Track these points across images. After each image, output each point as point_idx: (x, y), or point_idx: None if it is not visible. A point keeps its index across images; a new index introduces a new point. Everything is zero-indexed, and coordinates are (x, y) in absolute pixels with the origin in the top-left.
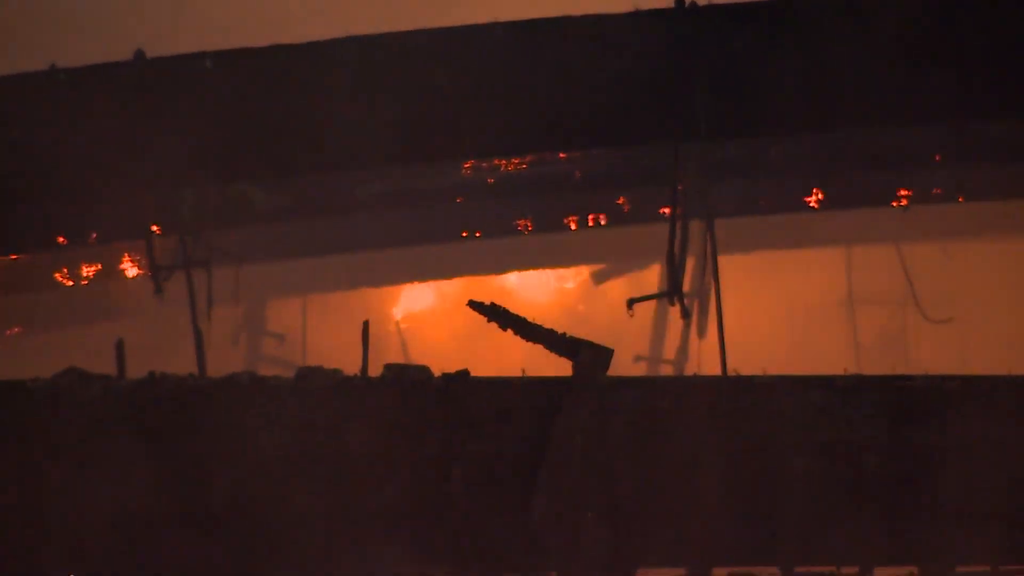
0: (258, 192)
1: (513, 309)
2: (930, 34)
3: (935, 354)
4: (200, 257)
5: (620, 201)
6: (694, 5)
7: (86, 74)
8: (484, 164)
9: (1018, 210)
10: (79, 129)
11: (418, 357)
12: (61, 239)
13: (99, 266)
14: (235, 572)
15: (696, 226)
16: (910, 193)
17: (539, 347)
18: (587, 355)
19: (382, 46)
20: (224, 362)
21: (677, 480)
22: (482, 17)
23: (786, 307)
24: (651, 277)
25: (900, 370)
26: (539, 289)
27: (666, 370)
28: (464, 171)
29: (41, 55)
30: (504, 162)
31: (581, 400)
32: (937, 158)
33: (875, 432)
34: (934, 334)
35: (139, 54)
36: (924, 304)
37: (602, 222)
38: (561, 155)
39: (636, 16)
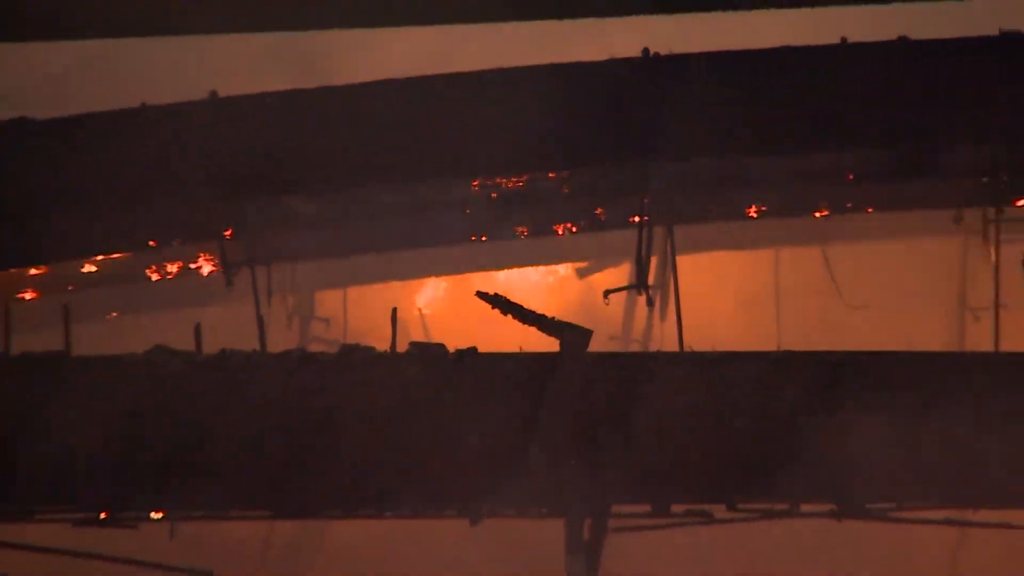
0: (308, 204)
1: (512, 299)
2: (833, 90)
3: (853, 335)
4: (261, 257)
5: (598, 211)
6: (657, 55)
7: (169, 112)
8: (489, 182)
9: (915, 217)
10: (164, 156)
11: (436, 336)
12: (152, 242)
13: (181, 263)
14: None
15: (659, 231)
16: (829, 205)
17: (533, 329)
18: (571, 335)
19: (406, 89)
20: (280, 341)
21: (643, 434)
22: (482, 64)
23: (731, 297)
24: (623, 272)
25: (823, 347)
26: (533, 283)
27: (634, 347)
28: (473, 187)
29: (134, 96)
30: (505, 180)
31: (567, 370)
32: (849, 176)
33: (802, 395)
34: (852, 319)
35: (213, 94)
36: (844, 294)
37: (583, 228)
38: (551, 175)
39: (612, 63)
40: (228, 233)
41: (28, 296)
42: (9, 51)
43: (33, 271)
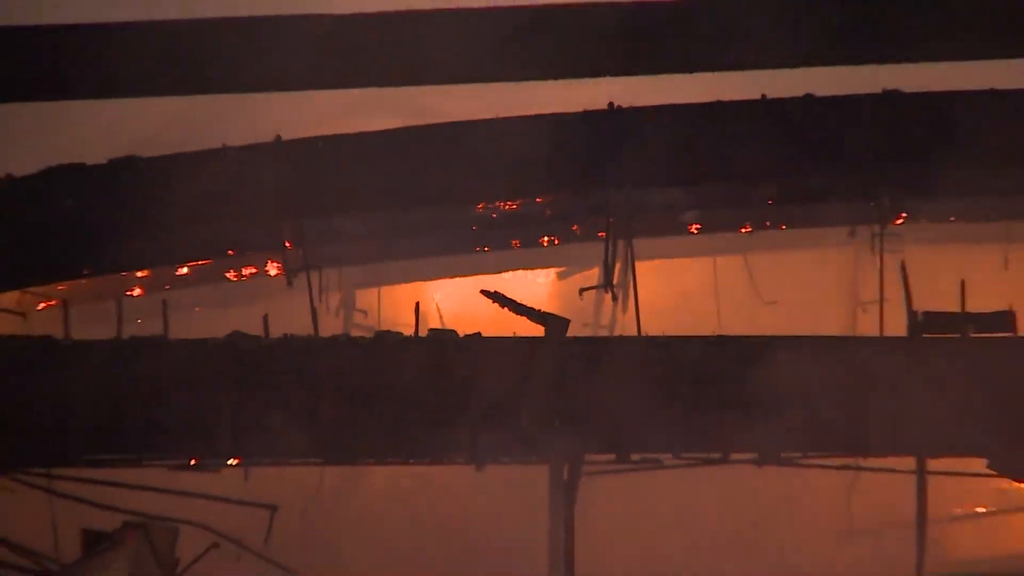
0: (351, 223)
1: (508, 295)
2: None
3: (768, 323)
4: (314, 263)
5: (575, 228)
6: (619, 107)
7: (244, 152)
8: (491, 205)
9: (818, 232)
10: (241, 186)
11: (449, 324)
12: (231, 252)
13: (255, 268)
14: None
15: (621, 243)
16: (752, 224)
17: (523, 319)
18: (553, 323)
19: (425, 134)
20: (329, 328)
21: (608, 397)
22: (482, 114)
23: (677, 294)
24: (593, 275)
25: (746, 332)
26: (524, 283)
27: (602, 332)
28: (478, 209)
29: (210, 140)
30: (503, 204)
31: (550, 351)
32: (770, 201)
33: (731, 370)
34: (767, 311)
35: (278, 138)
36: (762, 292)
37: (562, 241)
38: (538, 200)
39: (585, 114)
40: (289, 244)
41: (135, 293)
42: (142, 103)
43: (139, 273)
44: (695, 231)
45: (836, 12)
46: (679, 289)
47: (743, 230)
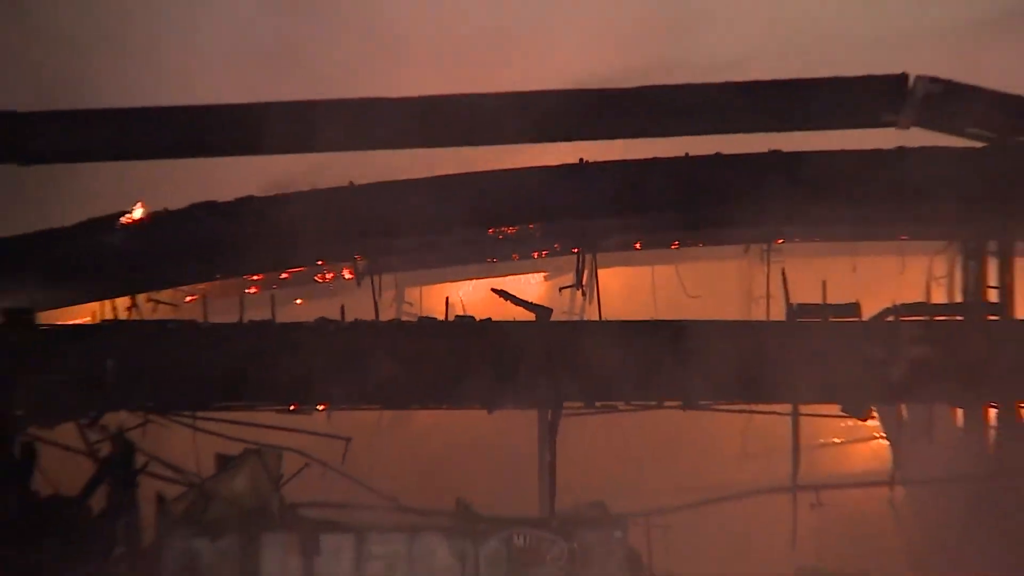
0: (401, 243)
1: (510, 292)
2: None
3: (691, 312)
4: (376, 269)
5: (556, 245)
6: (587, 162)
7: (328, 193)
8: (498, 228)
9: (724, 249)
10: (325, 216)
11: (469, 312)
12: (320, 262)
13: (334, 273)
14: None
15: (588, 257)
16: (680, 242)
17: (520, 309)
18: (541, 312)
19: (448, 182)
20: (387, 315)
21: (579, 362)
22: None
23: (627, 291)
24: (569, 278)
25: (676, 317)
26: (521, 284)
27: (575, 318)
28: (488, 232)
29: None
30: (506, 229)
31: (539, 331)
32: (638, 245)
33: (663, 343)
34: (690, 303)
35: (351, 183)
36: (687, 289)
37: (548, 254)
38: (530, 226)
39: (562, 167)
40: (358, 257)
41: (252, 291)
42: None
43: (255, 277)
44: (638, 247)
45: (736, 98)
46: (628, 288)
47: (673, 247)
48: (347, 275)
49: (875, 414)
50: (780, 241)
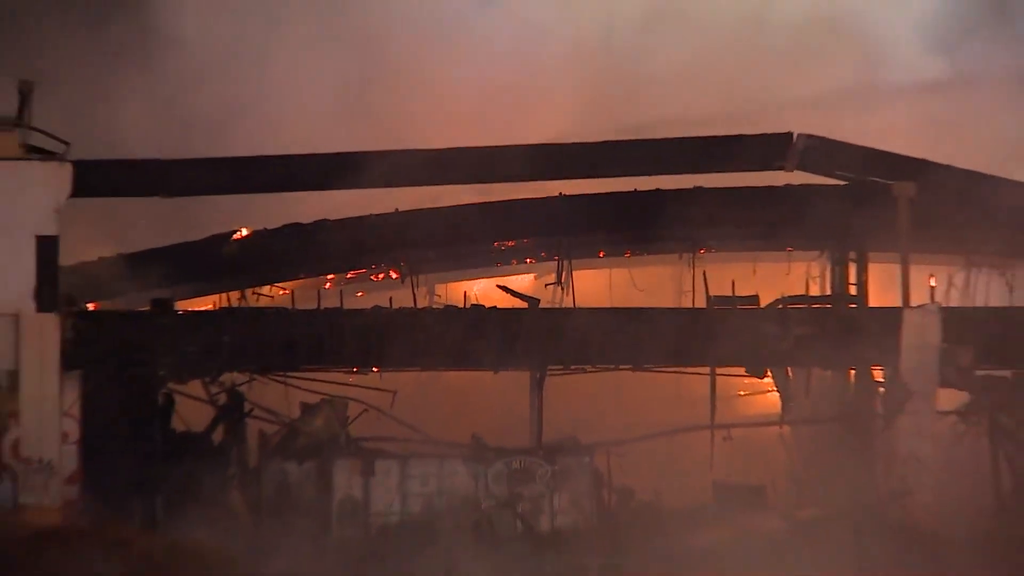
0: (433, 252)
1: (511, 287)
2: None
3: (639, 302)
4: (415, 271)
5: (543, 254)
6: (566, 196)
7: (380, 218)
8: (502, 242)
9: (659, 258)
10: (377, 236)
11: (481, 301)
12: (375, 266)
13: (384, 274)
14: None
15: (566, 262)
16: (632, 252)
17: (517, 300)
18: (532, 302)
19: (468, 211)
20: (422, 304)
21: (559, 337)
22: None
23: (591, 288)
24: (551, 277)
25: (628, 305)
26: (518, 282)
27: (556, 306)
28: (494, 245)
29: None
30: (507, 242)
31: (530, 316)
32: (601, 254)
33: (620, 323)
34: (638, 295)
35: (396, 210)
36: (637, 285)
37: (537, 260)
38: (524, 240)
39: (546, 199)
40: (402, 262)
41: (327, 287)
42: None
43: (329, 276)
44: (601, 255)
45: (671, 149)
46: (594, 285)
47: (626, 255)
48: (393, 275)
49: (769, 374)
50: (702, 251)
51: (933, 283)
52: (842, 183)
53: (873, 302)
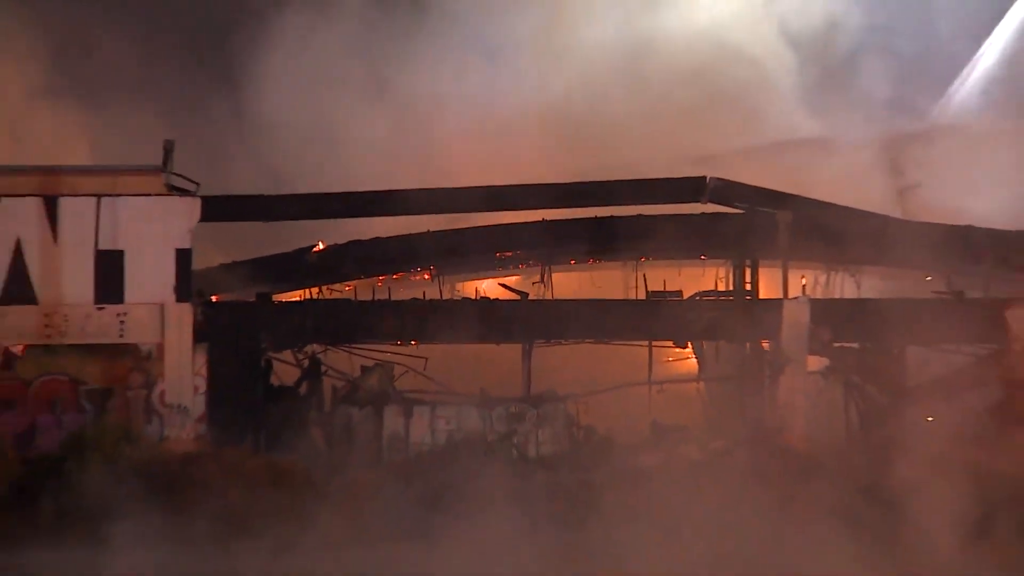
0: (455, 260)
1: (510, 285)
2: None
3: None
4: (441, 273)
5: (531, 262)
6: (548, 221)
7: (417, 236)
8: (501, 252)
9: (616, 264)
10: (416, 250)
11: (487, 294)
12: (413, 269)
13: (419, 276)
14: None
15: (548, 267)
16: (603, 258)
17: (512, 294)
18: (522, 295)
19: (474, 231)
20: (447, 296)
21: (545, 318)
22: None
23: (564, 287)
24: (537, 278)
25: (600, 297)
26: (516, 281)
27: (540, 298)
28: (496, 255)
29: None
30: (505, 252)
31: (522, 305)
32: (572, 261)
33: (587, 313)
34: (598, 292)
35: (428, 230)
36: (595, 284)
37: (528, 267)
38: (517, 251)
39: (534, 222)
40: (433, 267)
41: (379, 284)
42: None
43: (381, 277)
44: (572, 263)
45: (626, 188)
46: (566, 284)
47: (589, 262)
48: (426, 277)
49: (690, 345)
50: (643, 259)
51: (804, 282)
52: (740, 211)
53: (762, 295)
